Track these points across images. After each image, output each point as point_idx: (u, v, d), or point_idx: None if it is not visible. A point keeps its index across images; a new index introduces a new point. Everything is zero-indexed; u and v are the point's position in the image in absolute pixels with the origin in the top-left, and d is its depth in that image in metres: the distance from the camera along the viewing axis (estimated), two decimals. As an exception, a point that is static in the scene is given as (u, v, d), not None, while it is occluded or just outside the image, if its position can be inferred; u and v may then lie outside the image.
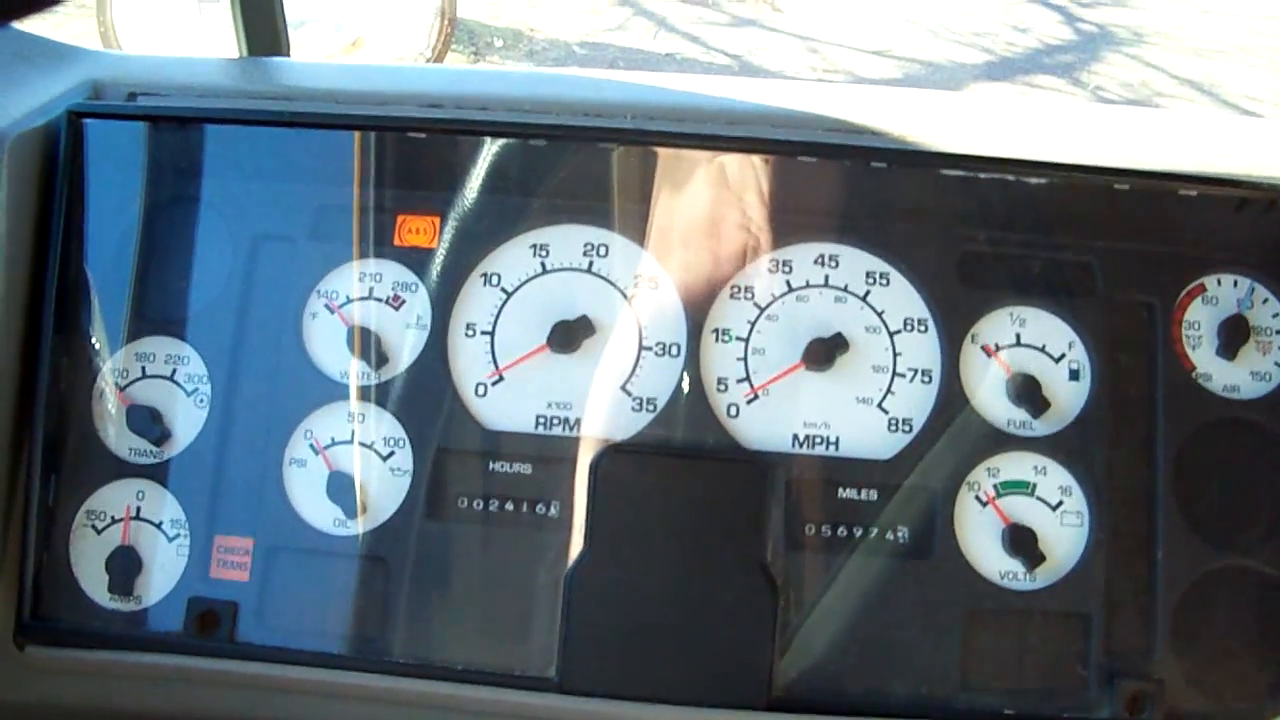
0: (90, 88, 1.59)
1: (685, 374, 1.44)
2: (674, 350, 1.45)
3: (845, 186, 1.48)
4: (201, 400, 1.47)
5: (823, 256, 1.47)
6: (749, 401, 1.44)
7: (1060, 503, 1.42)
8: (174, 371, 1.49)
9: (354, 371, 1.46)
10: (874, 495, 1.42)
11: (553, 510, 1.42)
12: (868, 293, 1.46)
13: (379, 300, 1.48)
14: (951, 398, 1.44)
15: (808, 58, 7.77)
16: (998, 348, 1.45)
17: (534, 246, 1.48)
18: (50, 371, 1.47)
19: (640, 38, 7.92)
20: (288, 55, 1.91)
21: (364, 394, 1.46)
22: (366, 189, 1.49)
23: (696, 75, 1.64)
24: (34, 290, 1.48)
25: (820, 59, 7.76)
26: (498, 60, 7.48)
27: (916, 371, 1.45)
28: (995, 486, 1.43)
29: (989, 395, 1.44)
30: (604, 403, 1.44)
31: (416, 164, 1.50)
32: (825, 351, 1.43)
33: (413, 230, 1.48)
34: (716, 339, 1.45)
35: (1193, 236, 1.48)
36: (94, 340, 1.49)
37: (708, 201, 1.47)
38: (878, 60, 7.78)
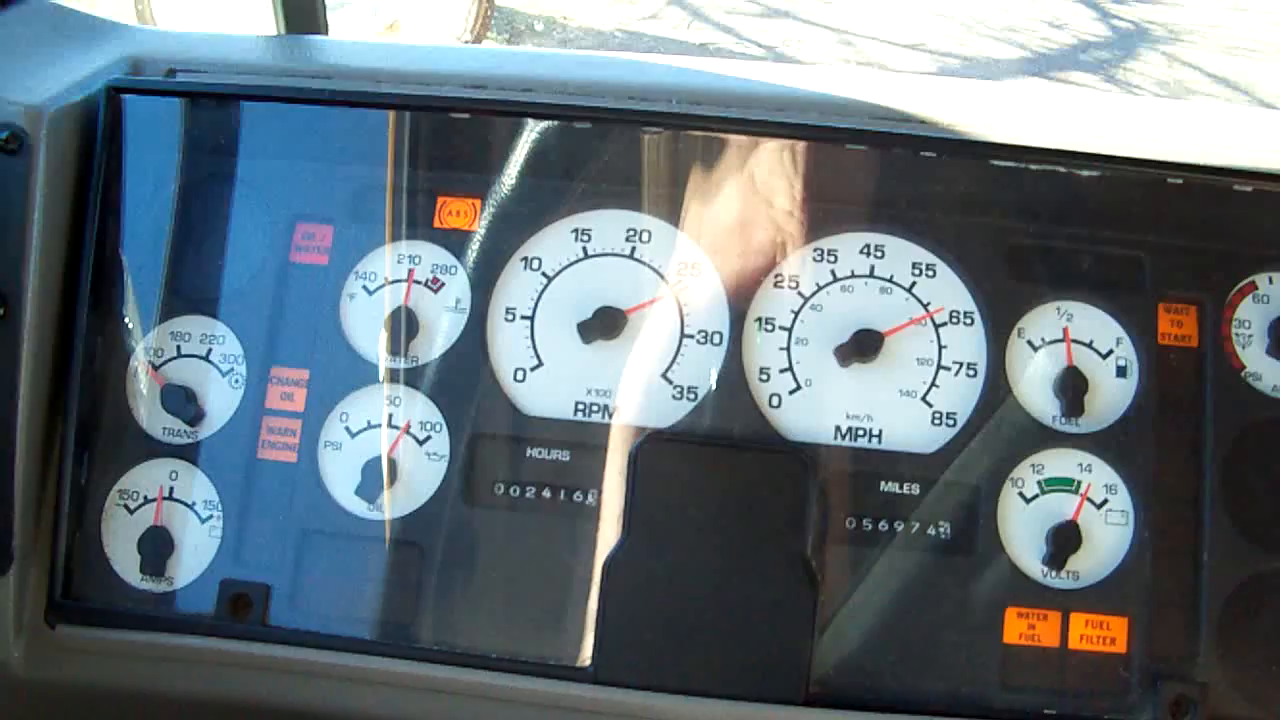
0: (129, 63, 1.58)
1: (723, 362, 1.43)
2: (716, 338, 1.43)
3: (893, 176, 1.46)
4: (237, 381, 1.46)
5: (868, 246, 1.45)
6: (791, 392, 1.42)
7: (1105, 501, 1.40)
8: (209, 351, 1.47)
9: (391, 354, 1.45)
10: (916, 489, 1.40)
11: (590, 498, 1.41)
12: (913, 284, 1.44)
13: (418, 283, 1.46)
14: (997, 392, 1.42)
15: (841, 50, 7.74)
16: (1047, 340, 1.43)
17: (576, 231, 1.46)
18: (85, 349, 1.46)
19: (674, 27, 7.91)
20: (326, 35, 1.89)
21: (401, 377, 1.45)
22: (406, 170, 1.48)
23: (741, 60, 1.60)
24: (70, 267, 1.47)
25: (854, 51, 7.74)
26: (531, 47, 7.47)
27: (961, 365, 1.42)
28: (1039, 483, 1.40)
29: (1035, 390, 1.42)
30: (644, 390, 1.43)
31: (457, 145, 1.49)
32: (871, 345, 1.41)
33: (453, 212, 1.47)
34: (759, 328, 1.43)
35: (1245, 233, 1.45)
36: (129, 318, 1.48)
37: (753, 188, 1.45)
38: (911, 54, 7.75)
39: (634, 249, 1.46)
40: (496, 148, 1.48)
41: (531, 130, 1.47)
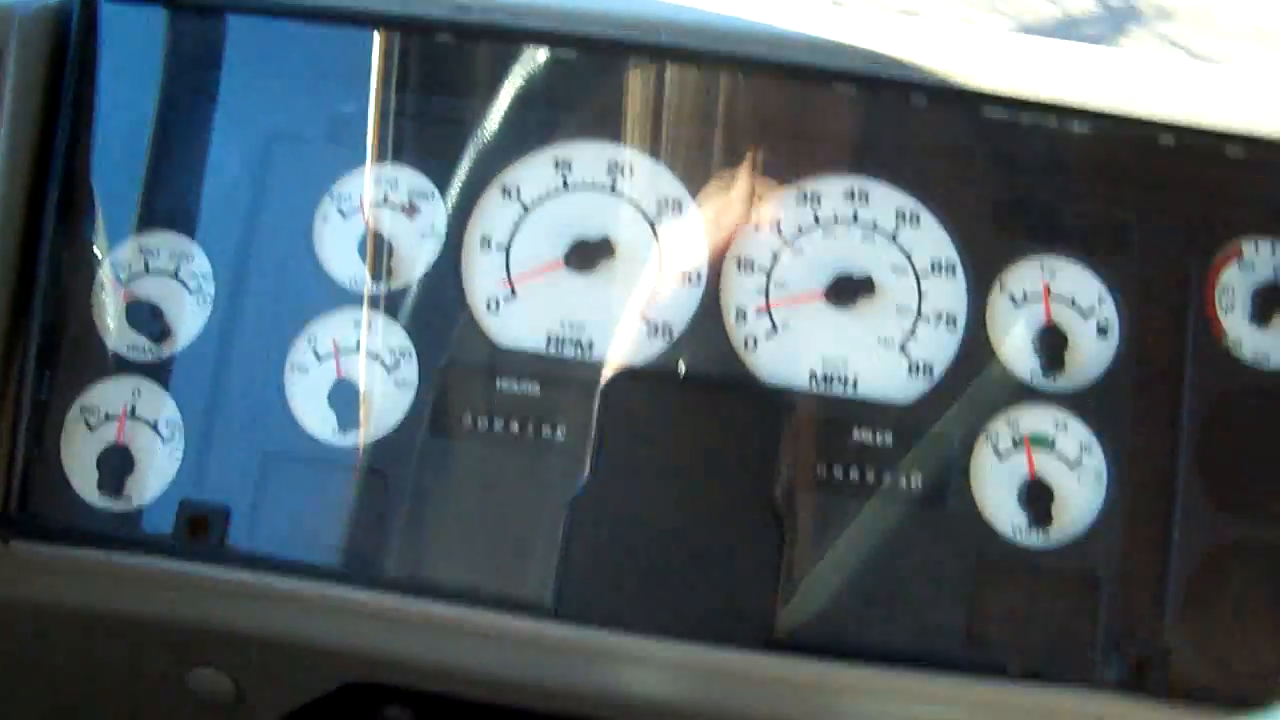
0: None
1: (699, 301, 1.41)
2: (694, 277, 1.41)
3: (881, 120, 1.44)
4: (205, 299, 1.44)
5: (853, 191, 1.43)
6: (767, 335, 1.40)
7: (1079, 460, 1.39)
8: (178, 268, 1.45)
9: (363, 278, 1.42)
10: (889, 440, 1.38)
11: (559, 434, 1.39)
12: (896, 231, 1.42)
13: (393, 207, 1.44)
14: (976, 345, 1.40)
15: (832, 11, 7.69)
16: (1029, 296, 1.41)
17: (556, 162, 1.44)
18: (50, 262, 1.43)
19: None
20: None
21: (372, 302, 1.42)
22: (386, 91, 1.45)
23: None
24: (38, 177, 1.44)
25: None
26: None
27: (941, 316, 1.41)
28: (1014, 439, 1.39)
29: (1014, 345, 1.40)
30: (619, 326, 1.41)
31: (440, 68, 1.46)
32: (850, 291, 1.39)
33: (432, 137, 1.44)
34: (738, 268, 1.41)
35: (1234, 198, 1.43)
36: (96, 233, 1.45)
37: (738, 127, 1.43)
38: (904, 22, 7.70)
39: (615, 182, 1.43)
40: (480, 73, 1.45)
41: (516, 56, 1.44)
